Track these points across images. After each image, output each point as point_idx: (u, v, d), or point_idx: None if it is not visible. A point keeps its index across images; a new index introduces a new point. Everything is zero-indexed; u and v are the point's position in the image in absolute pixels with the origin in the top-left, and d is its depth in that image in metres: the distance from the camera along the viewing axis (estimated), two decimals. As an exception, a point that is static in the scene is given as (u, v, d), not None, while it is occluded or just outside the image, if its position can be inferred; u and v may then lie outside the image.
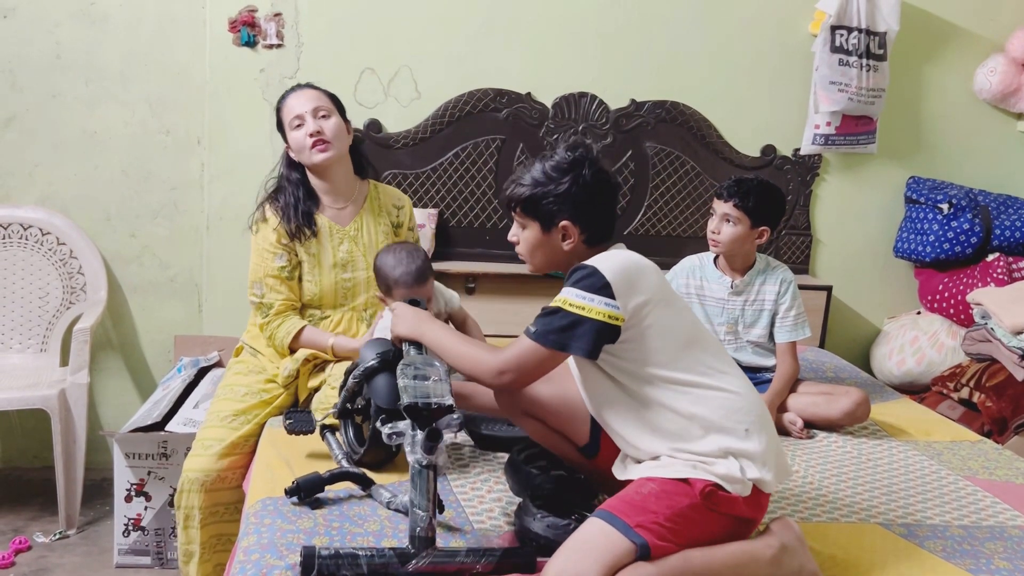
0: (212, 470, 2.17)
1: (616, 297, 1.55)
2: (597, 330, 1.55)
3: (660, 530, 1.49)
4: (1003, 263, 3.34)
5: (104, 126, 3.23)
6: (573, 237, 1.67)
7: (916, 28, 3.50)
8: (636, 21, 3.38)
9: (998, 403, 2.96)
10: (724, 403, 1.61)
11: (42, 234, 3.19)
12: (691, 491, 1.53)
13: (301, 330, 2.34)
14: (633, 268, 1.60)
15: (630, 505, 1.53)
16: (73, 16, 3.15)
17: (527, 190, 1.67)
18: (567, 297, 1.57)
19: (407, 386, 1.56)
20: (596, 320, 1.55)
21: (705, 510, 1.53)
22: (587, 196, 1.65)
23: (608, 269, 1.57)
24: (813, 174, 3.56)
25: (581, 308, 1.55)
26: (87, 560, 2.74)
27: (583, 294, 1.56)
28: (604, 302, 1.55)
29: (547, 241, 1.69)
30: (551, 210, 1.66)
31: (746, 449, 1.58)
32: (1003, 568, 1.75)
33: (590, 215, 1.67)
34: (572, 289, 1.58)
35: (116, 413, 3.34)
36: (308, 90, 2.39)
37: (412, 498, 1.52)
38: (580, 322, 1.55)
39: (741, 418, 1.60)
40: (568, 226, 1.66)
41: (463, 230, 3.38)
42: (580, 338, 1.56)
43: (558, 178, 1.65)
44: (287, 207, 2.37)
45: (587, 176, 1.65)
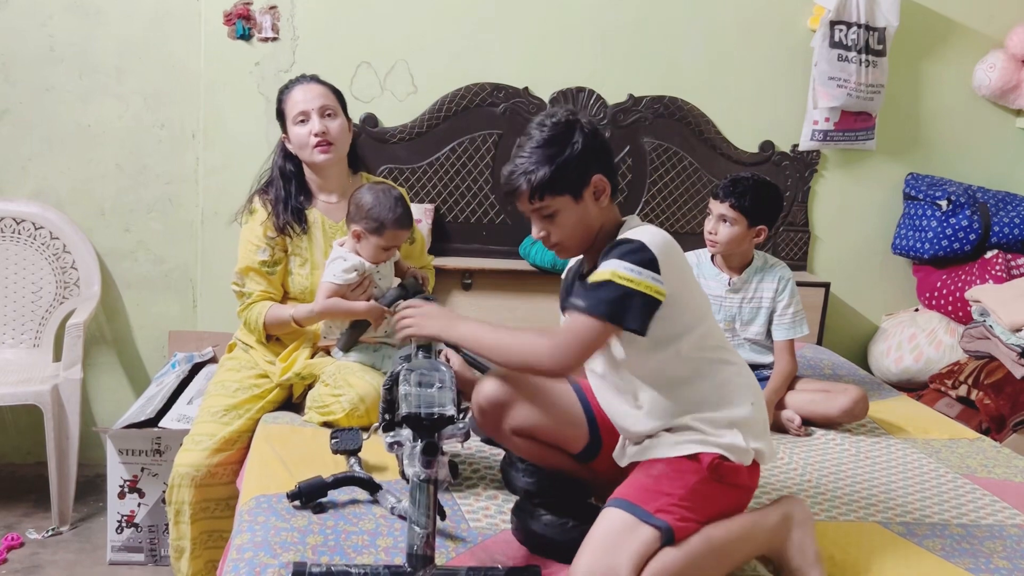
0: (203, 465, 2.16)
1: (661, 272, 1.53)
2: (648, 304, 1.52)
3: (679, 511, 1.51)
4: (1001, 260, 3.33)
5: (98, 120, 3.20)
6: (606, 190, 1.64)
7: (915, 24, 3.49)
8: (634, 16, 3.36)
9: (996, 400, 2.95)
10: (734, 375, 1.65)
11: (35, 228, 3.17)
12: (698, 466, 1.56)
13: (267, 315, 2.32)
14: (671, 244, 1.59)
15: (644, 490, 1.53)
16: (67, 8, 3.12)
17: (548, 169, 1.59)
18: (617, 270, 1.51)
19: (409, 393, 1.50)
20: (647, 294, 1.51)
21: (714, 483, 1.56)
22: (602, 143, 1.64)
23: (653, 244, 1.54)
24: (811, 170, 3.55)
25: (631, 281, 1.51)
26: (80, 557, 2.73)
27: (632, 267, 1.51)
28: (652, 277, 1.51)
29: (582, 210, 1.62)
30: (580, 172, 1.60)
31: (748, 420, 1.62)
32: (1002, 567, 1.75)
33: (611, 163, 1.66)
34: (620, 262, 1.52)
35: (110, 409, 3.32)
36: (315, 85, 2.36)
37: (410, 514, 1.45)
38: (632, 295, 1.51)
39: (747, 392, 1.65)
40: (600, 179, 1.62)
41: (460, 225, 3.37)
42: (633, 311, 1.51)
43: (568, 140, 1.60)
44: (277, 201, 2.35)
45: (587, 125, 1.62)
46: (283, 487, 1.80)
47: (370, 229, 2.22)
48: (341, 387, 2.17)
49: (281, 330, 2.35)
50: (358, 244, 2.25)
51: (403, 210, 2.25)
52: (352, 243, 2.27)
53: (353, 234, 2.25)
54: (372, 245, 2.24)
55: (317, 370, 2.30)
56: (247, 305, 2.34)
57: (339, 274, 2.23)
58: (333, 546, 1.63)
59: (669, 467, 1.57)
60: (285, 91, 2.37)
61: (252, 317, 2.33)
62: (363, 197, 2.24)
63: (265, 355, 2.37)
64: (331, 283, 2.24)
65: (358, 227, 2.23)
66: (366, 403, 2.13)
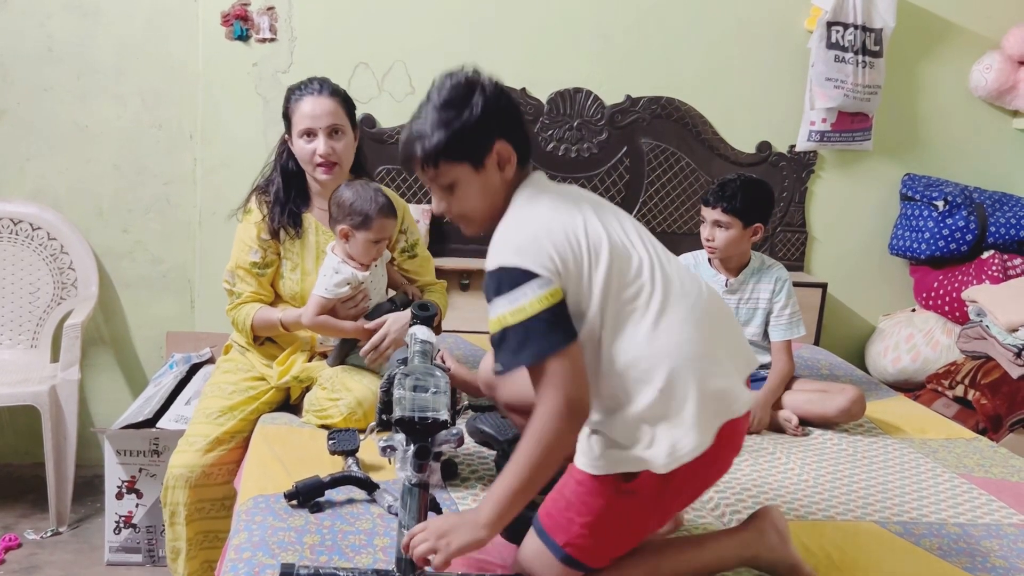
0: (197, 466, 2.16)
1: (541, 272, 1.36)
2: (551, 315, 1.35)
3: (587, 543, 1.45)
4: (998, 260, 3.34)
5: (96, 120, 3.20)
6: (511, 158, 1.47)
7: (912, 24, 3.50)
8: (632, 17, 3.37)
9: (993, 400, 2.96)
10: (652, 339, 1.41)
11: (33, 229, 3.16)
12: (603, 488, 1.44)
13: (255, 317, 2.31)
14: (536, 233, 1.41)
15: (554, 518, 1.48)
16: (65, 8, 3.12)
17: (443, 133, 1.44)
18: (501, 313, 1.36)
19: (403, 397, 1.48)
20: (544, 310, 1.34)
21: (625, 499, 1.44)
22: (504, 106, 1.47)
23: (513, 254, 1.38)
24: (809, 171, 3.56)
25: (523, 311, 1.34)
26: (78, 557, 2.72)
27: (512, 297, 1.35)
28: (536, 286, 1.35)
29: (483, 181, 1.47)
30: (479, 138, 1.45)
31: (663, 406, 1.40)
32: (999, 566, 1.75)
33: (515, 124, 1.49)
34: (499, 299, 1.37)
35: (107, 409, 3.32)
36: (326, 99, 2.27)
37: (401, 518, 1.44)
38: (532, 322, 1.34)
39: (663, 361, 1.40)
40: (503, 146, 1.46)
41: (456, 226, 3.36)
42: (545, 337, 1.35)
43: (467, 103, 1.44)
44: (274, 203, 2.33)
45: (489, 87, 1.46)
46: (281, 487, 1.80)
47: (356, 224, 2.19)
48: (339, 391, 2.17)
49: (269, 333, 2.34)
50: (347, 244, 2.23)
51: (385, 199, 2.22)
52: (342, 246, 2.24)
53: (341, 234, 2.22)
54: (361, 241, 2.21)
55: (314, 373, 2.29)
56: (236, 305, 2.34)
57: (330, 288, 2.21)
58: (330, 546, 1.63)
59: (579, 484, 1.46)
60: (294, 96, 2.30)
61: (240, 318, 2.32)
62: (342, 195, 2.21)
63: (261, 358, 2.37)
64: (321, 297, 2.21)
65: (344, 225, 2.20)
66: (363, 407, 2.13)
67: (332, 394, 2.17)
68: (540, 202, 1.47)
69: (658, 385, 1.39)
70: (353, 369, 2.25)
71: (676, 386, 1.40)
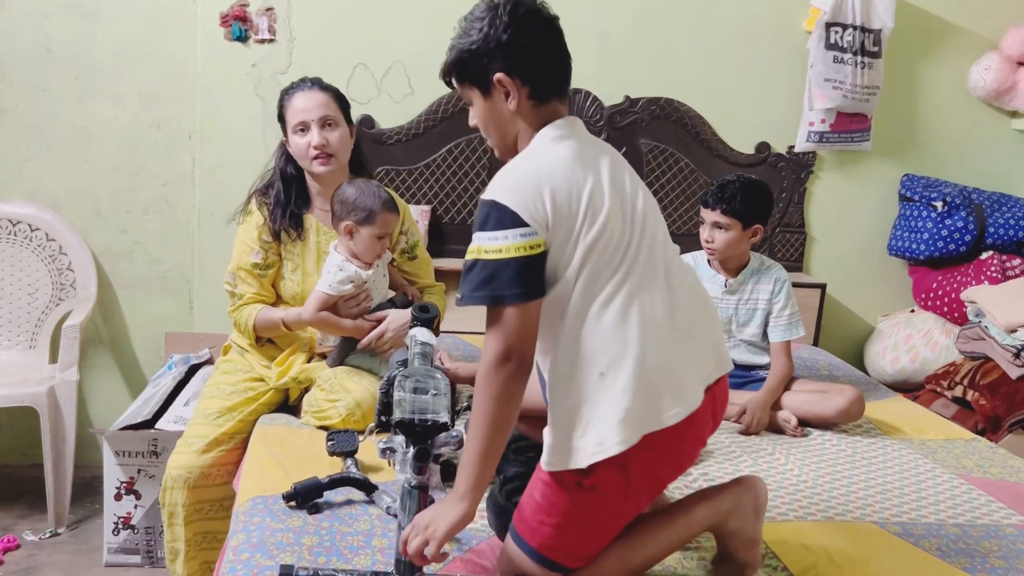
0: (195, 467, 2.16)
1: (529, 222, 1.35)
2: (527, 265, 1.35)
3: (558, 543, 1.45)
4: (997, 261, 3.34)
5: (95, 120, 3.20)
6: (514, 94, 1.44)
7: (911, 25, 3.50)
8: (631, 18, 3.37)
9: (992, 401, 2.96)
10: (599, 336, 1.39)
11: (31, 230, 3.16)
12: (565, 484, 1.42)
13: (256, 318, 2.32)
14: (537, 180, 1.38)
15: (527, 522, 1.47)
16: (64, 9, 3.12)
17: (451, 55, 1.48)
18: (480, 244, 1.37)
19: (403, 399, 1.48)
20: (517, 258, 1.34)
21: (588, 498, 1.42)
22: (512, 38, 1.43)
23: (509, 192, 1.37)
24: (807, 171, 3.56)
25: (498, 252, 1.35)
26: (76, 559, 2.72)
27: (493, 235, 1.35)
28: (518, 234, 1.34)
29: (493, 109, 1.47)
30: (481, 66, 1.44)
31: (597, 401, 1.38)
32: (998, 567, 1.75)
33: (524, 60, 1.44)
34: (481, 234, 1.37)
35: (106, 410, 3.32)
36: (316, 92, 2.30)
37: (400, 520, 1.44)
38: (502, 267, 1.34)
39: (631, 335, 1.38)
40: (503, 79, 1.44)
41: (456, 227, 3.37)
42: (509, 284, 1.34)
43: (478, 27, 1.45)
44: (275, 206, 2.33)
45: (506, 15, 1.43)
46: (280, 488, 1.79)
47: (360, 220, 2.21)
48: (337, 392, 2.17)
49: (271, 333, 2.35)
50: (351, 241, 2.24)
51: (387, 195, 2.26)
52: (345, 243, 2.25)
53: (345, 230, 2.23)
54: (366, 237, 2.23)
55: (313, 374, 2.29)
56: (238, 306, 2.34)
57: (334, 284, 2.22)
58: (329, 547, 1.63)
59: (546, 488, 1.44)
60: (286, 96, 2.33)
61: (242, 319, 2.32)
62: (344, 192, 2.24)
63: (260, 359, 2.37)
64: (324, 293, 2.23)
65: (348, 221, 2.22)
66: (362, 408, 2.13)
67: (331, 395, 2.17)
68: (557, 148, 1.44)
69: (599, 370, 1.38)
70: (352, 370, 2.25)
71: (616, 376, 1.38)
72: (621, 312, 1.39)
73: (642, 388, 1.38)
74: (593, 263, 1.39)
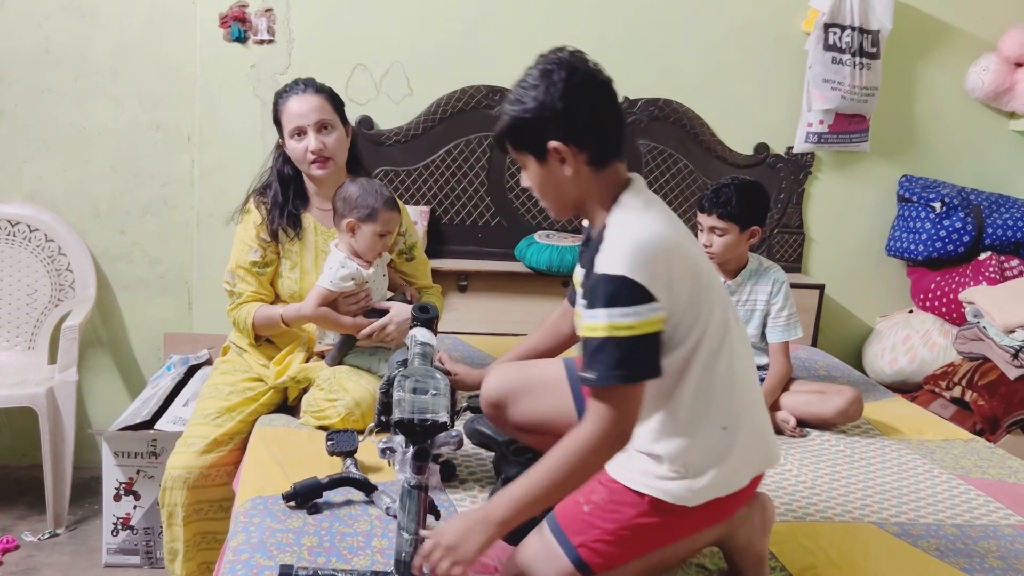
0: (194, 467, 2.16)
1: (657, 296, 1.35)
2: (654, 344, 1.36)
3: (602, 547, 1.46)
4: (995, 262, 3.34)
5: (94, 121, 3.20)
6: (570, 162, 1.43)
7: (909, 26, 3.50)
8: (630, 18, 3.37)
9: (990, 402, 2.96)
10: (716, 388, 1.45)
11: (30, 231, 3.16)
12: (639, 500, 1.45)
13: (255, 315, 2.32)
14: (662, 252, 1.38)
15: (575, 519, 1.48)
16: (62, 10, 3.12)
17: (505, 120, 1.45)
18: (613, 322, 1.34)
19: (403, 399, 1.48)
20: (650, 335, 1.35)
21: (653, 518, 1.46)
22: (567, 105, 1.40)
23: (637, 268, 1.35)
24: (806, 172, 3.56)
25: (631, 328, 1.34)
26: (75, 559, 2.72)
27: (627, 311, 1.34)
28: (650, 309, 1.34)
29: (548, 174, 1.46)
30: (535, 134, 1.43)
31: (715, 449, 1.45)
32: (996, 567, 1.75)
33: (579, 128, 1.42)
34: (612, 311, 1.34)
35: (105, 411, 3.32)
36: (311, 96, 2.30)
37: (399, 520, 1.44)
38: (637, 343, 1.34)
39: (722, 411, 1.45)
40: (559, 147, 1.42)
41: (455, 228, 3.37)
42: (646, 359, 1.36)
43: (532, 96, 1.42)
44: (273, 206, 2.34)
45: (561, 83, 1.40)
46: (279, 489, 1.80)
47: (362, 216, 2.22)
48: (336, 392, 2.17)
49: (270, 331, 2.35)
50: (353, 238, 2.25)
51: (389, 193, 2.27)
52: (347, 240, 2.26)
53: (347, 227, 2.24)
54: (368, 234, 2.23)
55: (312, 374, 2.29)
56: (236, 305, 2.34)
57: (335, 280, 2.22)
58: (328, 547, 1.63)
59: (610, 496, 1.47)
60: (281, 99, 2.33)
61: (241, 317, 2.33)
62: (347, 190, 2.25)
63: (259, 358, 2.37)
64: (325, 288, 2.23)
65: (350, 218, 2.23)
66: (361, 408, 2.13)
67: (330, 395, 2.17)
68: (652, 215, 1.44)
69: (722, 424, 1.45)
70: (351, 370, 2.25)
71: (737, 432, 1.46)
72: (731, 368, 1.46)
73: (755, 436, 1.50)
74: (714, 325, 1.44)
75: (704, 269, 1.46)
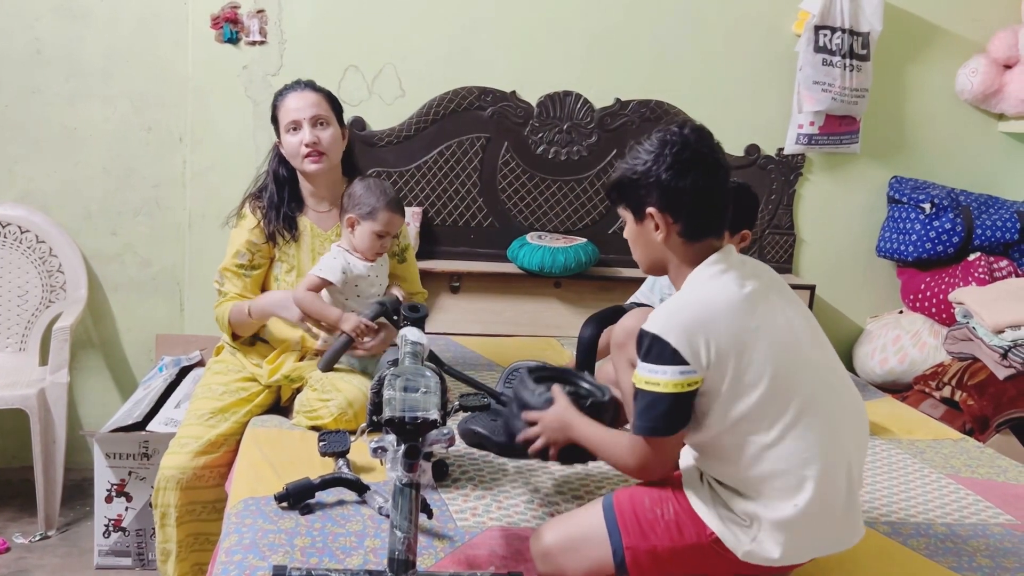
0: (188, 468, 2.16)
1: (690, 360, 1.40)
2: (679, 402, 1.41)
3: (648, 560, 1.48)
4: (984, 263, 3.36)
5: (85, 122, 3.20)
6: (663, 229, 1.50)
7: (899, 28, 3.52)
8: (621, 20, 3.38)
9: (980, 401, 2.97)
10: (781, 467, 1.43)
11: (21, 232, 3.15)
12: (702, 530, 1.47)
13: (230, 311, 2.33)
14: (702, 316, 1.43)
15: (638, 519, 1.50)
16: (54, 11, 3.11)
17: (616, 174, 1.56)
18: (639, 374, 1.44)
19: (393, 398, 1.48)
20: (672, 394, 1.41)
21: (710, 553, 1.47)
22: (672, 178, 1.48)
23: (672, 330, 1.41)
24: (796, 174, 3.58)
25: (654, 385, 1.41)
26: (67, 561, 2.71)
27: (653, 368, 1.41)
28: (678, 371, 1.40)
29: (642, 233, 1.54)
30: (638, 195, 1.52)
31: (783, 522, 1.43)
32: (985, 565, 1.77)
33: (678, 201, 1.49)
34: (642, 365, 1.44)
35: (97, 413, 3.31)
36: (309, 93, 2.33)
37: (392, 518, 1.44)
38: (659, 400, 1.41)
39: (791, 492, 1.43)
40: (655, 213, 1.50)
41: (447, 229, 3.37)
42: (664, 417, 1.42)
43: (643, 159, 1.51)
44: (269, 208, 2.35)
45: (670, 156, 1.48)
46: (271, 490, 1.80)
47: (363, 214, 2.24)
48: (329, 392, 2.17)
49: (245, 328, 2.35)
50: (352, 234, 2.27)
51: (394, 195, 2.30)
52: (347, 235, 2.28)
53: (347, 222, 2.26)
54: (367, 231, 2.25)
55: (305, 373, 2.30)
56: (219, 303, 2.36)
57: (324, 269, 2.23)
58: (321, 547, 1.63)
59: (678, 516, 1.49)
60: (279, 97, 2.35)
61: (221, 314, 2.35)
62: (354, 188, 2.29)
63: (252, 358, 2.37)
64: (315, 276, 2.24)
65: (352, 214, 2.26)
66: (354, 408, 2.13)
67: (322, 395, 2.17)
68: (715, 286, 1.48)
69: (794, 501, 1.42)
70: (343, 370, 2.25)
71: (812, 511, 1.43)
72: (803, 445, 1.44)
73: (828, 528, 1.49)
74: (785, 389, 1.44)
75: (766, 340, 1.45)
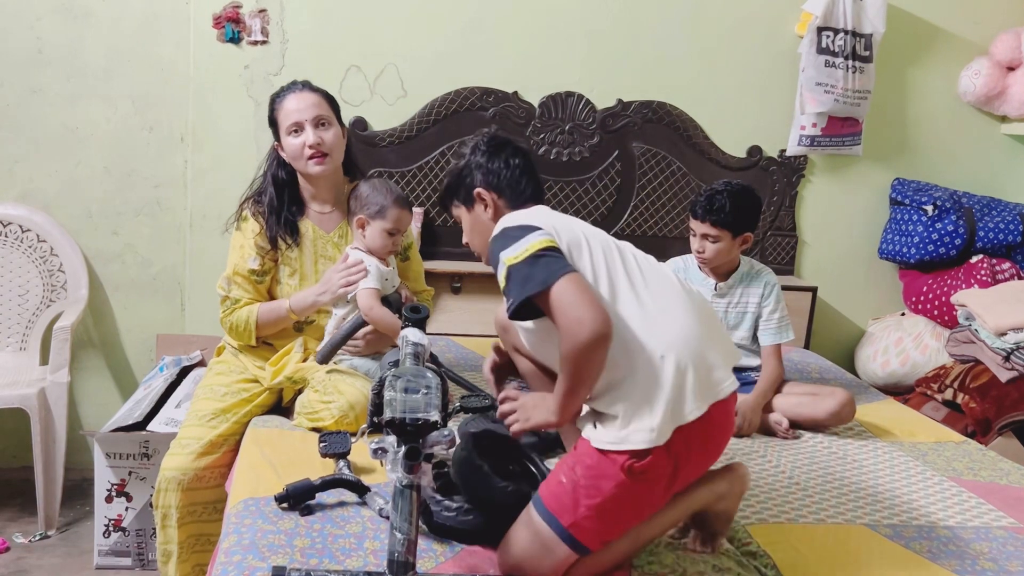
0: (189, 469, 2.15)
1: (541, 226, 1.56)
2: (553, 253, 1.50)
3: (594, 526, 1.51)
4: (987, 265, 3.35)
5: (86, 122, 3.19)
6: (491, 204, 1.74)
7: (901, 30, 3.52)
8: (623, 21, 3.38)
9: (982, 404, 2.97)
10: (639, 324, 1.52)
11: (22, 231, 3.15)
12: (614, 469, 1.49)
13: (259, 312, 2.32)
14: (536, 217, 1.62)
15: (561, 500, 1.53)
16: (55, 10, 3.11)
17: (446, 180, 1.84)
18: (508, 259, 1.52)
19: (394, 399, 1.47)
20: (540, 248, 1.50)
21: (631, 484, 1.50)
22: (488, 159, 1.76)
23: (515, 221, 1.61)
24: (799, 175, 3.57)
25: (525, 251, 1.50)
26: (67, 561, 2.71)
27: (515, 246, 1.52)
28: (536, 235, 1.53)
29: (475, 219, 1.78)
30: (465, 185, 1.77)
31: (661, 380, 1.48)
32: (988, 569, 1.76)
33: (498, 176, 1.75)
34: (505, 252, 1.53)
35: (97, 412, 3.30)
36: (308, 93, 2.31)
37: (392, 520, 1.44)
38: (532, 259, 1.49)
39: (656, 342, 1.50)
40: (482, 192, 1.74)
41: (449, 229, 3.37)
42: (547, 266, 1.47)
43: (463, 156, 1.81)
44: (269, 212, 2.33)
45: (483, 145, 1.78)
46: (272, 490, 1.79)
47: (372, 213, 2.27)
48: (331, 394, 2.16)
49: (274, 327, 2.34)
50: (363, 234, 2.29)
51: (400, 192, 2.33)
52: (359, 238, 2.30)
53: (357, 224, 2.29)
54: (378, 230, 2.27)
55: (308, 375, 2.29)
56: (232, 310, 2.33)
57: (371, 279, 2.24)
58: (320, 548, 1.63)
59: (587, 470, 1.52)
60: (277, 99, 2.33)
61: (240, 320, 2.32)
62: (361, 189, 2.31)
63: (254, 360, 2.37)
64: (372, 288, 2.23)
65: (361, 215, 2.28)
66: (355, 410, 2.13)
67: (324, 397, 2.16)
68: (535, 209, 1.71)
69: (660, 352, 1.49)
70: (345, 372, 2.25)
71: (680, 360, 1.49)
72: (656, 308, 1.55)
73: (699, 368, 1.51)
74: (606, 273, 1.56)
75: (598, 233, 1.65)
